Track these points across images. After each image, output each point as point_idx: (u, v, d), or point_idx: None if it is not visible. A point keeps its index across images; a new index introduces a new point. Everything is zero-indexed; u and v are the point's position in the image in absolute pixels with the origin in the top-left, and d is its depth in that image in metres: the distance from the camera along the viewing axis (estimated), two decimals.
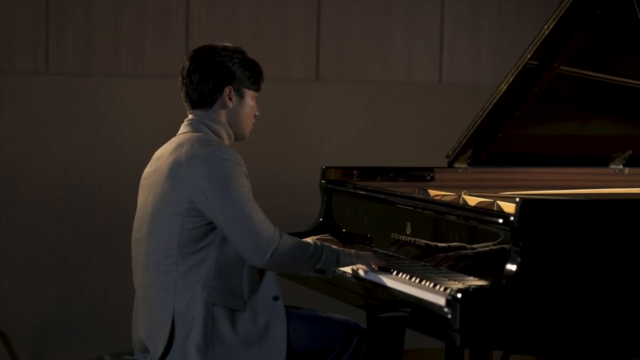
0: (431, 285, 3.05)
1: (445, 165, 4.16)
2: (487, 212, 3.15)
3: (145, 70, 5.37)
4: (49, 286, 5.28)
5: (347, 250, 3.32)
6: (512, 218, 2.97)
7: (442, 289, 2.98)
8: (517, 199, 2.98)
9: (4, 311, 5.21)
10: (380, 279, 3.26)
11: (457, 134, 4.15)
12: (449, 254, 3.26)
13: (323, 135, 5.63)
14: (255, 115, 3.35)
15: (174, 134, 3.28)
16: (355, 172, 4.02)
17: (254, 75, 3.32)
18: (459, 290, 2.85)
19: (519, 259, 2.92)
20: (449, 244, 3.28)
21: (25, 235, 5.22)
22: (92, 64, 5.32)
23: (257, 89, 3.34)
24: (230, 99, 3.27)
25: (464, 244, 3.21)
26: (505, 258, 2.97)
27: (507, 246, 3.00)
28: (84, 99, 5.31)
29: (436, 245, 3.34)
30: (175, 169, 3.14)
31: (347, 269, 3.45)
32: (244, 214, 3.08)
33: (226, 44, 3.30)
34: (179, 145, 3.20)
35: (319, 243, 3.24)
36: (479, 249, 3.13)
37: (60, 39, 5.27)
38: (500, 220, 3.03)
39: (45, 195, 5.24)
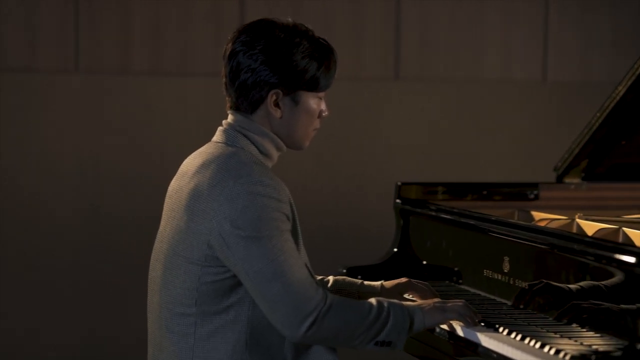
0: (537, 345, 2.62)
1: (553, 180, 3.92)
2: (616, 247, 2.70)
3: (192, 68, 5.24)
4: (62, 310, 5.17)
5: (428, 305, 2.75)
6: None
7: (552, 351, 2.54)
8: None
9: None
10: (475, 337, 2.78)
11: (565, 142, 3.96)
12: (559, 300, 2.83)
13: (402, 144, 5.44)
14: (321, 118, 2.78)
15: None
16: (439, 189, 3.75)
17: (320, 68, 2.71)
18: (578, 357, 2.46)
19: None
20: (559, 287, 2.86)
21: (48, 248, 5.16)
22: (129, 62, 5.22)
23: (325, 88, 2.75)
24: (277, 105, 2.69)
25: (580, 289, 2.79)
26: None
27: None
28: (119, 101, 5.21)
29: (542, 288, 2.93)
30: (195, 200, 2.62)
31: None
32: (275, 271, 2.55)
33: (289, 20, 2.75)
34: (205, 164, 2.67)
35: (385, 303, 2.66)
36: (600, 296, 2.70)
37: (91, 33, 5.18)
38: (635, 260, 2.60)
39: (73, 203, 5.18)
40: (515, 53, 5.56)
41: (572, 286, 2.80)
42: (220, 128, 2.73)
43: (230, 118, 2.72)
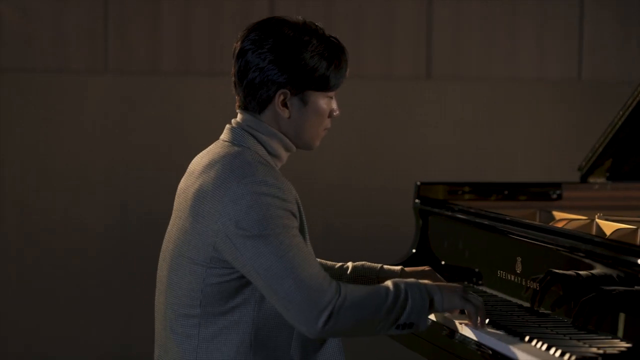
0: (544, 347, 2.56)
1: (577, 179, 3.89)
2: (627, 249, 2.63)
3: (222, 68, 5.14)
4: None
5: (448, 288, 2.67)
6: None
7: (557, 353, 2.50)
8: None
9: None
10: (488, 340, 2.73)
11: None
12: (570, 302, 2.77)
13: (434, 143, 5.40)
14: (332, 117, 2.73)
15: None
16: (459, 189, 3.72)
17: (330, 67, 2.65)
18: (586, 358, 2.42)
19: None
20: (572, 288, 2.79)
21: (77, 249, 5.19)
22: (159, 62, 5.21)
23: (335, 87, 2.69)
24: (285, 105, 2.64)
25: (591, 289, 2.71)
26: None
27: None
28: (149, 101, 5.21)
29: (553, 289, 2.87)
30: (199, 201, 2.59)
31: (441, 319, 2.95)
32: (285, 267, 2.49)
33: (299, 18, 2.69)
34: (211, 164, 2.63)
35: (401, 285, 2.57)
36: (610, 297, 2.63)
37: (121, 34, 5.21)
38: None
39: (103, 204, 5.22)
40: (549, 51, 5.48)
41: (582, 284, 2.73)
42: (227, 126, 2.69)
43: (238, 117, 2.68)
